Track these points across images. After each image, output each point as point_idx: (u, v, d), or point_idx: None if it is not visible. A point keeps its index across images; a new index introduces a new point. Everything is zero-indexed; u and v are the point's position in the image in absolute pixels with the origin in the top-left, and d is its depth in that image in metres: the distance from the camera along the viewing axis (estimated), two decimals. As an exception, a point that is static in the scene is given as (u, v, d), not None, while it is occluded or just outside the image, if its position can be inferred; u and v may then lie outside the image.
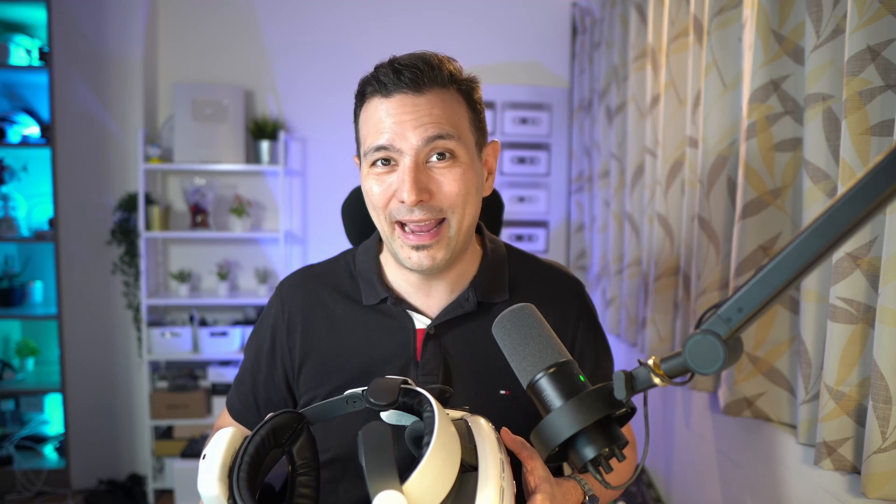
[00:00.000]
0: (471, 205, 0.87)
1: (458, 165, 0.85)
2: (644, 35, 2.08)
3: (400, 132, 0.82)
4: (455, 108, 0.86)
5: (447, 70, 0.86)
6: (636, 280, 2.11)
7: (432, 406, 0.64)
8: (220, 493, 0.63)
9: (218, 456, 0.65)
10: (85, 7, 2.84)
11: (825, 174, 1.11)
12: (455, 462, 0.62)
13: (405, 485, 0.55)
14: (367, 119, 0.86)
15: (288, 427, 0.74)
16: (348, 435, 0.92)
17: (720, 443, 1.61)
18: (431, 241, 0.85)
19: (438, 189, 0.84)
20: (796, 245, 0.50)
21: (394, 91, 0.83)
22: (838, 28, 1.08)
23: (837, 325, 1.03)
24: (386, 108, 0.84)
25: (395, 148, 0.83)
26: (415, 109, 0.83)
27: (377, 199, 0.86)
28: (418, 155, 0.83)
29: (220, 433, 0.69)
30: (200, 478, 0.65)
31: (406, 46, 0.90)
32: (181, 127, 2.86)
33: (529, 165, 3.23)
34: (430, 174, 0.84)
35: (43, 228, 2.93)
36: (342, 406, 0.77)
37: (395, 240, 0.88)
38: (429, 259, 0.86)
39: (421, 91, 0.83)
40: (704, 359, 0.53)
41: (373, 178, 0.86)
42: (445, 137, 0.83)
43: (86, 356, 2.92)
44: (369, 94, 0.86)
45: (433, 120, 0.83)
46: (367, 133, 0.86)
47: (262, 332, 1.01)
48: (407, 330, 0.94)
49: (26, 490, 2.82)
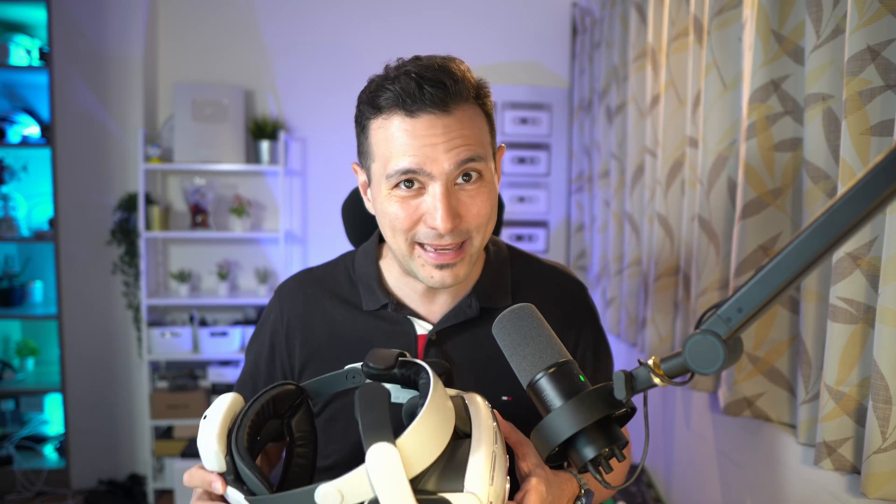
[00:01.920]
0: (493, 220, 0.86)
1: (485, 186, 0.82)
2: (644, 35, 2.08)
3: (431, 156, 0.77)
4: (480, 125, 0.82)
5: (470, 83, 0.81)
6: (636, 280, 2.11)
7: (428, 374, 0.66)
8: (219, 450, 0.65)
9: (219, 415, 0.67)
10: (85, 7, 2.84)
11: (825, 174, 1.11)
12: (448, 426, 0.63)
13: (398, 440, 0.56)
14: (386, 137, 0.80)
15: (288, 399, 0.76)
16: (349, 441, 0.92)
17: (720, 443, 1.61)
18: (455, 260, 0.83)
19: (467, 212, 0.81)
20: (796, 245, 0.50)
21: (419, 111, 0.77)
22: (838, 28, 1.08)
23: (837, 325, 1.03)
24: (412, 129, 0.78)
25: (424, 172, 0.78)
26: (445, 131, 0.77)
27: (401, 224, 0.81)
28: (449, 179, 0.79)
29: (222, 397, 0.70)
30: (200, 435, 0.66)
31: (406, 47, 0.89)
32: (181, 127, 2.86)
33: (529, 165, 3.23)
34: (459, 197, 0.81)
35: (43, 228, 2.93)
36: (342, 381, 0.79)
37: (416, 259, 0.84)
38: (452, 277, 0.84)
39: (448, 110, 0.78)
40: (704, 359, 0.53)
41: (395, 201, 0.81)
42: (476, 160, 0.80)
43: (86, 356, 2.92)
44: (387, 108, 0.79)
45: (465, 142, 0.78)
46: (388, 153, 0.80)
47: (262, 337, 1.00)
48: (408, 336, 0.93)
49: (26, 490, 2.82)
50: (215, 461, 0.65)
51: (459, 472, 0.60)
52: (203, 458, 0.66)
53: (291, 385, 0.77)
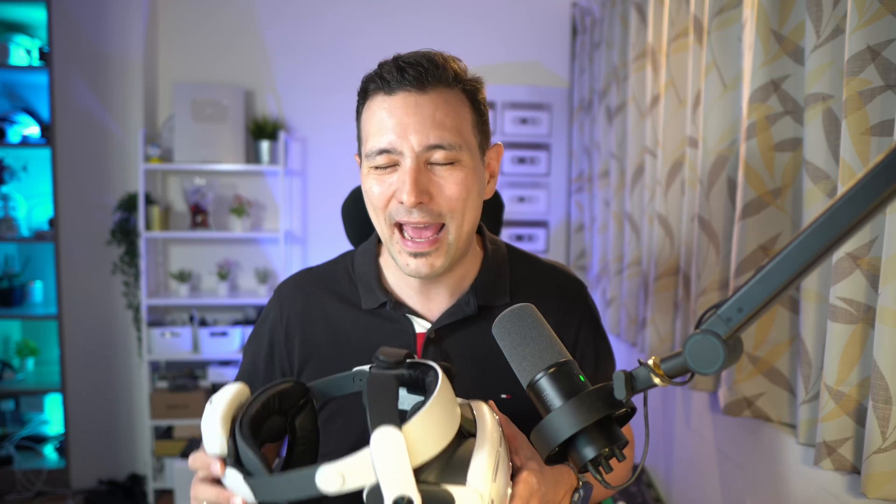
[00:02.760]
0: (471, 210, 0.86)
1: (461, 169, 0.84)
2: (644, 35, 2.08)
3: (402, 133, 0.81)
4: (459, 110, 0.84)
5: (452, 69, 0.84)
6: (636, 280, 2.11)
7: (437, 371, 0.66)
8: (222, 432, 0.64)
9: (224, 402, 0.67)
10: (85, 7, 2.84)
11: (825, 174, 1.11)
12: (454, 421, 0.63)
13: (404, 426, 0.56)
14: (369, 117, 0.85)
15: (294, 396, 0.76)
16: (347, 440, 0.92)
17: (720, 443, 1.61)
18: (430, 249, 0.84)
19: (439, 192, 0.83)
20: (796, 245, 0.50)
21: (397, 89, 0.82)
22: (838, 28, 1.08)
23: (837, 325, 1.03)
24: (388, 106, 0.82)
25: (396, 150, 0.81)
26: (418, 110, 0.81)
27: (377, 200, 0.85)
28: (420, 157, 0.81)
29: (228, 385, 0.70)
30: (204, 418, 0.66)
31: (406, 47, 0.89)
32: (181, 127, 2.86)
33: (529, 165, 3.23)
34: (431, 176, 0.83)
35: (43, 228, 2.93)
36: (349, 383, 0.78)
37: (394, 244, 0.86)
38: (427, 266, 0.85)
39: (425, 90, 0.81)
40: (704, 359, 0.53)
41: (373, 178, 0.85)
42: (446, 147, 0.82)
43: (86, 356, 2.92)
44: (372, 91, 0.84)
45: (435, 124, 0.81)
46: (368, 132, 0.85)
47: (261, 336, 1.00)
48: (407, 334, 0.93)
49: (26, 490, 2.82)
50: (217, 444, 0.64)
51: (462, 468, 0.60)
52: (205, 440, 0.66)
53: (298, 383, 0.77)
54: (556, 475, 0.76)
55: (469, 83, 0.86)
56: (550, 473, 0.75)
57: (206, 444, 0.66)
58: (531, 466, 0.72)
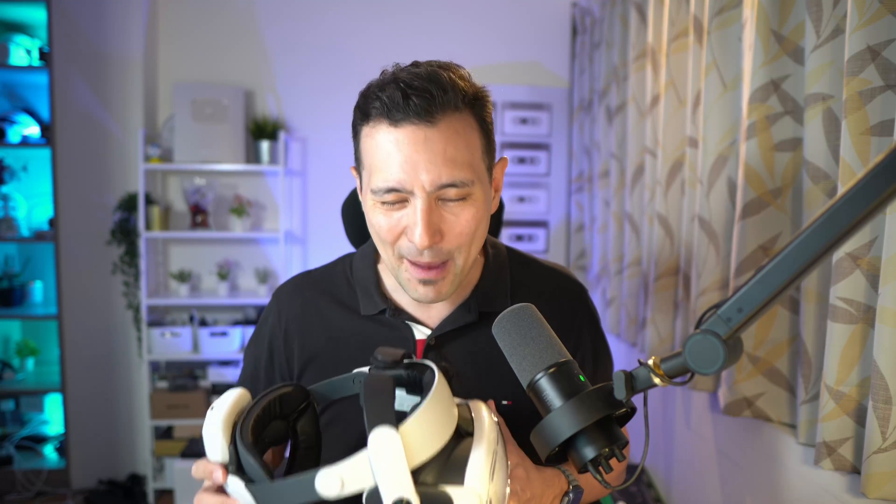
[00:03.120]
0: (478, 239, 0.84)
1: (472, 204, 0.80)
2: (644, 35, 2.08)
3: (412, 171, 0.76)
4: (469, 139, 0.79)
5: (460, 90, 0.78)
6: (636, 280, 2.11)
7: (434, 371, 0.65)
8: (223, 439, 0.65)
9: (225, 407, 0.67)
10: (85, 7, 2.84)
11: (825, 174, 1.11)
12: (451, 420, 0.63)
13: (401, 427, 0.56)
14: (372, 147, 0.79)
15: (295, 400, 0.76)
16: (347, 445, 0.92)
17: (720, 443, 1.61)
18: (438, 278, 0.83)
19: (450, 229, 0.80)
20: (796, 245, 0.50)
21: (402, 121, 0.76)
22: (838, 28, 1.08)
23: (837, 325, 1.03)
24: (395, 139, 0.76)
25: (406, 189, 0.77)
26: (428, 146, 0.76)
27: (385, 234, 0.81)
28: (430, 196, 0.77)
29: (230, 391, 0.70)
30: (206, 424, 0.66)
31: (406, 46, 0.88)
32: (181, 127, 2.86)
33: (529, 165, 3.23)
34: (443, 213, 0.79)
35: (43, 228, 2.93)
36: (349, 385, 0.78)
37: (402, 272, 0.84)
38: (435, 293, 0.84)
39: (433, 121, 0.76)
40: (704, 359, 0.53)
41: (380, 213, 0.81)
42: (458, 185, 0.78)
43: (86, 356, 2.92)
44: (374, 116, 0.78)
45: (447, 161, 0.76)
46: (373, 165, 0.79)
47: (260, 340, 1.00)
48: (407, 341, 0.92)
49: (26, 490, 2.82)
50: (219, 451, 0.65)
51: (460, 468, 0.60)
52: (207, 448, 0.66)
53: (299, 387, 0.77)
54: (543, 480, 0.76)
55: (478, 102, 0.82)
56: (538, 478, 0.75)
57: (208, 451, 0.66)
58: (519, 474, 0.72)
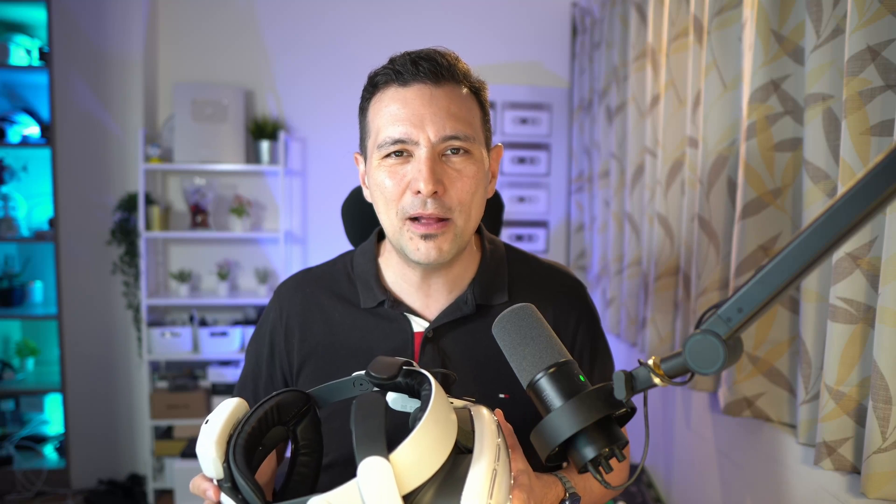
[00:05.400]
0: (476, 206, 0.87)
1: (473, 162, 0.85)
2: (644, 35, 2.08)
3: (418, 124, 0.82)
4: (470, 106, 0.86)
5: (461, 69, 0.87)
6: (636, 280, 2.11)
7: (430, 385, 0.64)
8: (217, 457, 0.63)
9: (220, 421, 0.66)
10: (85, 7, 2.84)
11: (825, 174, 1.11)
12: (448, 440, 0.61)
13: (392, 454, 0.55)
14: (380, 109, 0.85)
15: (294, 405, 0.75)
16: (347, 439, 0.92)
17: (720, 443, 1.61)
18: (438, 231, 0.85)
19: (451, 184, 0.84)
20: (796, 245, 0.50)
21: (411, 81, 0.83)
22: (838, 28, 1.08)
23: (837, 325, 1.03)
24: (403, 97, 0.83)
25: (411, 140, 0.82)
26: (433, 101, 0.82)
27: (390, 193, 0.85)
28: (434, 148, 0.82)
29: (226, 401, 0.69)
30: (200, 441, 0.65)
31: (406, 47, 0.89)
32: (181, 127, 2.86)
33: (529, 165, 3.23)
34: (445, 167, 0.84)
35: (43, 228, 2.93)
36: (349, 388, 0.78)
37: (405, 233, 0.86)
38: (436, 251, 0.85)
39: (439, 83, 0.83)
40: (704, 359, 0.53)
41: (385, 171, 0.85)
42: (461, 139, 0.83)
43: (86, 356, 2.92)
44: (383, 83, 0.85)
45: (451, 116, 0.83)
46: (380, 124, 0.85)
47: (261, 337, 1.01)
48: (405, 333, 0.93)
49: (26, 490, 2.82)
50: (213, 468, 0.64)
51: (458, 487, 0.59)
52: (201, 464, 0.65)
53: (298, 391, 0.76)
54: (544, 486, 0.76)
55: (476, 86, 0.89)
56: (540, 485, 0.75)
57: (203, 467, 0.65)
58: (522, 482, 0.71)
